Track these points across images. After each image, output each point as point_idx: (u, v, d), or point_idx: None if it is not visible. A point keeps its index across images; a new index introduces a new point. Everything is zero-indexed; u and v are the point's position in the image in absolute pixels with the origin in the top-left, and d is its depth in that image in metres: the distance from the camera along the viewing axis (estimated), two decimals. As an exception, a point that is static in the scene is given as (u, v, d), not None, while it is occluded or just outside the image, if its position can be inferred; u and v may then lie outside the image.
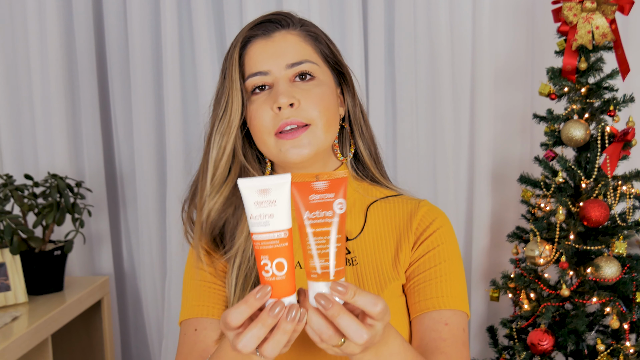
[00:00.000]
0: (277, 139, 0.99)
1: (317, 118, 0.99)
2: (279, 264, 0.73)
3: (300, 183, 0.74)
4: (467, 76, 2.14)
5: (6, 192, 1.82)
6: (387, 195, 1.11)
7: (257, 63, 1.00)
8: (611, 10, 1.73)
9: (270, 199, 0.73)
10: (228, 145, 1.00)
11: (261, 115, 0.99)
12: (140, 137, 2.21)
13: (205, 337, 1.02)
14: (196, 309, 1.04)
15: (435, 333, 0.98)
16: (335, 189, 0.73)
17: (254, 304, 0.71)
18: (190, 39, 2.19)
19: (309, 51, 1.02)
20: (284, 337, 0.71)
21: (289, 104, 0.97)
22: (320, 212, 0.73)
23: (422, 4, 2.10)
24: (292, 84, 1.00)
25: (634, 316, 1.75)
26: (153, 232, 2.25)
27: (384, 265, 1.03)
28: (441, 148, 2.14)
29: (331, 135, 1.03)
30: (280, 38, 1.01)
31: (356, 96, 1.10)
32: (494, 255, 2.20)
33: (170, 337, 2.23)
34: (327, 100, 1.01)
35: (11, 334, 1.59)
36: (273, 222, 0.73)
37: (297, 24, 1.04)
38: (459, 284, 1.02)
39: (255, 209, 0.73)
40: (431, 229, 1.05)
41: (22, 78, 2.22)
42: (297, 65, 1.00)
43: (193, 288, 1.06)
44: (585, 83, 1.81)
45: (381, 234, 1.06)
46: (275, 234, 0.73)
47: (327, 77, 1.05)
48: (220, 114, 1.00)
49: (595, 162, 1.79)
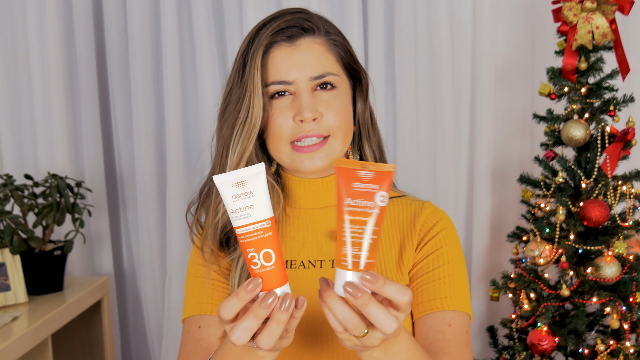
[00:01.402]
0: (292, 148, 1.00)
1: (337, 129, 1.00)
2: (266, 255, 0.73)
3: (346, 169, 0.73)
4: (467, 76, 2.14)
5: (6, 192, 1.82)
6: (391, 196, 1.11)
7: (281, 71, 0.99)
8: (611, 10, 1.73)
9: (248, 190, 0.73)
10: (247, 151, 0.99)
11: (281, 123, 0.99)
12: (140, 137, 2.21)
13: (209, 334, 1.02)
14: (200, 306, 1.04)
15: (439, 334, 0.98)
16: (380, 181, 0.72)
17: (244, 296, 0.72)
18: (190, 39, 2.19)
19: (332, 61, 1.02)
20: (278, 328, 0.71)
21: (313, 118, 0.98)
22: (362, 202, 0.72)
23: (422, 4, 2.10)
24: (313, 94, 1.00)
25: (634, 316, 1.75)
26: (153, 232, 2.25)
27: (388, 266, 1.04)
28: (441, 148, 2.14)
29: (346, 145, 1.04)
30: (305, 47, 1.00)
31: (368, 100, 1.10)
32: (494, 255, 2.20)
33: (170, 337, 2.23)
34: (346, 111, 1.02)
35: (11, 334, 1.59)
36: (254, 213, 0.73)
37: (321, 30, 1.03)
38: (462, 285, 1.03)
39: (234, 202, 0.73)
40: (435, 231, 1.05)
41: (22, 78, 2.22)
42: (320, 79, 1.00)
43: (196, 285, 1.06)
44: (585, 83, 1.81)
45: (385, 235, 1.06)
46: (257, 224, 0.73)
47: (345, 85, 1.05)
48: (241, 118, 0.99)
49: (595, 162, 1.79)
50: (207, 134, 2.15)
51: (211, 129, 1.12)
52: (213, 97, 2.15)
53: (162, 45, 2.15)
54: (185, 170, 2.20)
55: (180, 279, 2.20)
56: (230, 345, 0.83)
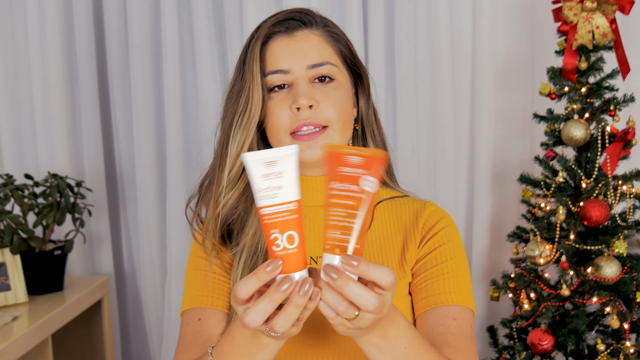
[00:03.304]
0: (292, 138, 1.00)
1: (335, 121, 1.00)
2: (290, 237, 0.71)
3: (333, 153, 0.72)
4: (467, 76, 2.14)
5: (6, 192, 1.82)
6: (393, 196, 1.11)
7: (278, 61, 1.00)
8: (611, 10, 1.73)
9: (278, 170, 0.72)
10: (247, 141, 1.00)
11: (279, 113, 1.00)
12: (140, 137, 2.21)
13: (209, 326, 1.01)
14: (200, 299, 1.04)
15: (444, 328, 0.98)
16: (368, 166, 0.70)
17: (263, 276, 0.70)
18: (190, 39, 2.19)
19: (330, 52, 1.02)
20: (295, 311, 0.70)
21: (309, 105, 0.98)
22: (348, 186, 0.70)
23: (422, 4, 2.10)
24: (311, 84, 1.00)
25: (634, 316, 1.75)
26: (153, 232, 2.25)
27: (390, 264, 1.04)
28: (441, 148, 2.14)
29: (346, 138, 1.04)
30: (302, 37, 1.01)
31: (370, 98, 1.11)
32: (494, 255, 2.20)
33: (170, 337, 2.23)
34: (344, 103, 1.02)
35: (11, 334, 1.59)
36: (282, 194, 0.71)
37: (319, 23, 1.04)
38: (465, 281, 1.03)
39: (262, 181, 0.72)
40: (437, 228, 1.06)
41: (22, 78, 2.22)
42: (318, 67, 1.00)
43: (197, 278, 1.06)
44: (586, 83, 1.81)
45: (387, 233, 1.07)
46: (284, 205, 0.71)
47: (345, 79, 1.05)
48: (240, 109, 1.00)
49: (595, 162, 1.79)
50: (207, 134, 2.15)
51: (212, 127, 1.12)
52: (213, 96, 2.15)
53: (162, 45, 2.15)
54: (185, 170, 2.20)
55: (181, 278, 2.20)
56: (236, 332, 0.82)
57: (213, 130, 1.10)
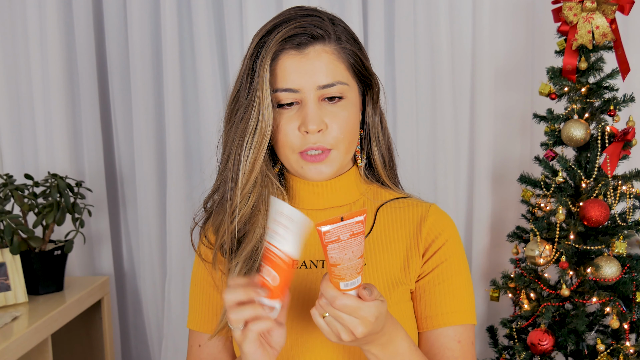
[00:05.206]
0: (300, 157, 1.01)
1: (341, 142, 1.01)
2: (274, 278, 0.86)
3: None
4: (467, 76, 2.14)
5: (6, 192, 1.82)
6: (396, 197, 1.11)
7: (288, 79, 0.98)
8: (611, 10, 1.73)
9: (290, 226, 0.85)
10: (258, 160, 1.00)
11: (288, 132, 0.99)
12: (140, 137, 2.21)
13: (209, 355, 1.10)
14: (199, 324, 1.10)
15: (450, 351, 1.01)
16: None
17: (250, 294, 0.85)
18: (190, 39, 2.19)
19: (341, 69, 1.00)
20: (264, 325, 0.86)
21: (317, 130, 0.98)
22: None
23: (422, 4, 2.10)
24: (320, 104, 0.99)
25: (634, 316, 1.75)
26: (153, 232, 2.25)
27: (394, 267, 1.04)
28: (441, 148, 2.14)
29: (350, 154, 1.05)
30: (314, 55, 0.98)
31: (378, 104, 1.11)
32: (494, 255, 2.20)
33: (170, 337, 2.23)
34: (352, 122, 1.02)
35: (11, 334, 1.59)
36: (284, 244, 0.85)
37: (331, 36, 1.00)
38: (468, 296, 1.05)
39: (275, 225, 0.85)
40: (441, 241, 1.05)
41: (22, 78, 2.22)
42: (329, 88, 0.99)
43: (199, 299, 1.11)
44: (586, 83, 1.81)
45: (391, 236, 1.06)
46: (281, 253, 0.85)
47: (354, 94, 1.04)
48: (251, 127, 0.99)
49: (595, 162, 1.79)
50: (207, 134, 2.16)
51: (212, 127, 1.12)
52: (213, 97, 2.15)
53: (162, 45, 2.15)
54: (185, 170, 2.20)
55: (180, 279, 2.20)
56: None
57: (213, 131, 1.10)
